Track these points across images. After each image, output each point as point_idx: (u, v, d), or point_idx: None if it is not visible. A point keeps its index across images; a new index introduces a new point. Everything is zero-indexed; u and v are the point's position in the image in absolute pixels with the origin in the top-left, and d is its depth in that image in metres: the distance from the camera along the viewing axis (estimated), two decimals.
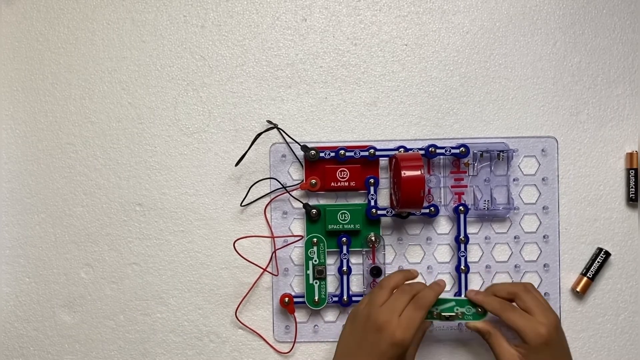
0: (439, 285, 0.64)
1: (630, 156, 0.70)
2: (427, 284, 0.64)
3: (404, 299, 0.61)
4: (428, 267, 0.70)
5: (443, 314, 0.64)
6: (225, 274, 0.70)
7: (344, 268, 0.69)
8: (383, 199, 0.70)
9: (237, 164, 0.69)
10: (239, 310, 0.70)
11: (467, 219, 0.69)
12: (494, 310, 0.63)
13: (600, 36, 0.70)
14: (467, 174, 0.70)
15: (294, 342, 0.70)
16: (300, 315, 0.70)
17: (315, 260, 0.68)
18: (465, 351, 0.70)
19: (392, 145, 0.69)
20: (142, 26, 0.71)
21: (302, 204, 0.69)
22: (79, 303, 0.71)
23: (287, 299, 0.69)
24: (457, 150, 0.68)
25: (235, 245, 0.68)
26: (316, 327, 0.70)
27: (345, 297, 0.69)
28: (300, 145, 0.69)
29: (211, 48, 0.71)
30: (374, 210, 0.68)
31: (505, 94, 0.70)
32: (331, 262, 0.70)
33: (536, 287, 0.69)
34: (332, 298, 0.69)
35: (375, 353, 0.59)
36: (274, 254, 0.70)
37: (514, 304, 0.63)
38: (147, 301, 0.71)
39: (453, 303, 0.64)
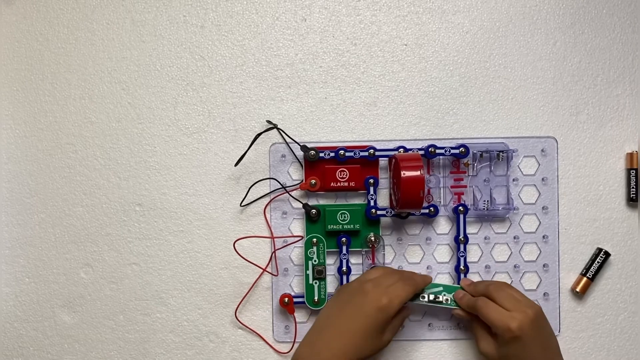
0: (429, 278, 0.66)
1: (630, 156, 0.70)
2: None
3: (394, 278, 0.63)
4: (427, 267, 0.70)
5: (431, 298, 0.66)
6: (225, 274, 0.70)
7: (344, 268, 0.69)
8: (383, 199, 0.70)
9: (236, 164, 0.69)
10: (238, 310, 0.70)
11: (467, 219, 0.69)
12: (469, 309, 0.64)
13: (600, 36, 0.70)
14: (466, 174, 0.69)
15: (294, 342, 0.70)
16: (300, 315, 0.70)
17: (315, 261, 0.68)
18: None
19: (391, 146, 0.69)
20: (142, 26, 0.71)
21: (301, 204, 0.69)
22: (79, 303, 0.71)
23: (286, 299, 0.69)
24: (456, 151, 0.68)
25: (235, 245, 0.68)
26: None
27: None
28: (300, 145, 0.69)
29: (211, 48, 0.71)
30: (373, 210, 0.68)
31: (505, 94, 0.70)
32: (331, 262, 0.70)
33: (535, 287, 0.70)
34: None
35: (359, 314, 0.60)
36: (273, 254, 0.70)
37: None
38: (146, 301, 0.71)
39: (441, 289, 0.66)
